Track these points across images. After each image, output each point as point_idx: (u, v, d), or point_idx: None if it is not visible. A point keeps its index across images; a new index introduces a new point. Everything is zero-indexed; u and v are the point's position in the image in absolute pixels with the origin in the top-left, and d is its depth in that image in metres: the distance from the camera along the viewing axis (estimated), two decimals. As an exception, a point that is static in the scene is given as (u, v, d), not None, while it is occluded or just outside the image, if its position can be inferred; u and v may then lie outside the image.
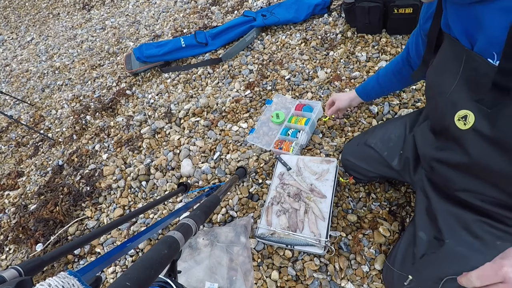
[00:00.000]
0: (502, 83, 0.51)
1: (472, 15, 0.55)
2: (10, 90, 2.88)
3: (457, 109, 0.64)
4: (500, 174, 0.62)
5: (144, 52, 2.17)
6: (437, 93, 0.71)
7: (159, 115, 1.89)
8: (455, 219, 0.76)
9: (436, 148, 0.79)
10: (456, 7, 0.60)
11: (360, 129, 1.40)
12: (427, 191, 0.87)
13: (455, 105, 0.64)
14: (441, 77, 0.70)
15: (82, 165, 1.82)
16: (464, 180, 0.72)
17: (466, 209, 0.75)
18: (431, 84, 0.75)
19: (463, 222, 0.75)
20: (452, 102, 0.65)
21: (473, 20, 0.55)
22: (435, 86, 0.73)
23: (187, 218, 0.62)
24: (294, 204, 1.15)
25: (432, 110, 0.78)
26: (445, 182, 0.79)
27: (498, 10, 0.49)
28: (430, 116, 0.83)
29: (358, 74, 1.62)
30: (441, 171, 0.78)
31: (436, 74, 0.73)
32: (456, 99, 0.64)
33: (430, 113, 0.83)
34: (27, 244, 1.51)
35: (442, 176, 0.79)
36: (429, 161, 0.83)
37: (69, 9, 3.80)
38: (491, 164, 0.62)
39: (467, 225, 0.74)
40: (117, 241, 1.38)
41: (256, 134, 1.50)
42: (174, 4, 2.93)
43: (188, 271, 1.13)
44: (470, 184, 0.72)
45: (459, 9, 0.59)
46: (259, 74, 1.85)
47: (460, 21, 0.60)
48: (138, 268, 0.41)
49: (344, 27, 1.88)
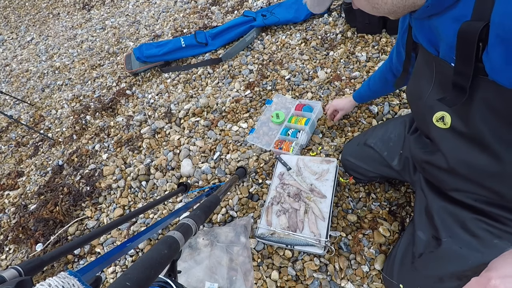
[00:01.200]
0: (459, 83, 0.57)
1: (433, 26, 0.61)
2: (10, 90, 2.88)
3: (434, 111, 0.69)
4: (484, 172, 0.65)
5: (144, 52, 2.17)
6: (416, 98, 0.77)
7: (159, 115, 1.89)
8: (452, 218, 0.76)
9: (424, 151, 0.82)
10: (419, 21, 0.67)
11: (360, 129, 1.40)
12: (424, 190, 0.88)
13: (432, 107, 0.70)
14: (418, 83, 0.76)
15: (82, 165, 1.82)
16: (454, 181, 0.74)
17: (461, 207, 0.75)
18: (411, 91, 0.81)
19: (460, 221, 0.75)
20: (429, 105, 0.71)
21: (434, 30, 0.62)
22: (414, 92, 0.79)
23: (187, 218, 0.62)
24: (294, 204, 1.15)
25: (415, 114, 0.84)
26: (438, 183, 0.82)
27: (449, 19, 0.55)
28: (415, 120, 0.89)
29: (358, 74, 1.62)
30: (432, 173, 0.81)
31: (414, 81, 0.79)
32: (432, 102, 0.70)
33: (415, 117, 0.90)
34: (27, 244, 1.51)
35: (434, 177, 0.82)
36: (420, 163, 0.86)
37: (69, 9, 3.80)
38: (473, 161, 0.65)
39: (464, 223, 0.74)
40: (117, 241, 1.38)
41: (256, 134, 1.50)
42: (174, 4, 2.93)
43: (188, 271, 1.13)
44: (460, 184, 0.73)
45: (422, 22, 0.66)
46: (259, 74, 1.85)
47: (424, 33, 0.67)
48: (138, 268, 0.41)
49: (344, 27, 1.88)
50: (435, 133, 0.72)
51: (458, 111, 0.64)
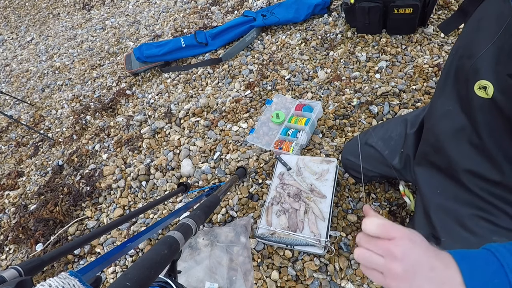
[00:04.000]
0: None
1: None
2: (10, 90, 2.88)
3: (479, 77, 0.58)
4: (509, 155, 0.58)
5: (144, 52, 2.17)
6: (467, 55, 0.64)
7: (159, 115, 1.89)
8: (449, 215, 0.75)
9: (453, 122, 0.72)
10: None
11: (360, 129, 1.40)
12: (421, 187, 0.85)
13: (477, 72, 0.59)
14: (474, 38, 0.62)
15: (82, 165, 1.82)
16: (475, 159, 0.68)
17: (460, 203, 0.74)
18: (463, 45, 0.66)
19: (457, 218, 0.74)
20: (475, 68, 0.60)
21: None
22: (466, 47, 0.65)
23: (187, 218, 0.62)
24: (294, 204, 1.15)
25: (456, 73, 0.70)
26: (448, 164, 0.76)
27: None
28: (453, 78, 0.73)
29: (358, 74, 1.62)
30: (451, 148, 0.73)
31: (469, 34, 0.65)
32: (480, 65, 0.58)
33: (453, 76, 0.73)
34: (27, 244, 1.51)
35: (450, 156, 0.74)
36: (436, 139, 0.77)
37: (69, 9, 3.79)
38: (506, 141, 0.59)
39: (462, 221, 0.73)
40: (117, 241, 1.38)
41: (256, 134, 1.50)
42: (174, 4, 2.93)
43: (188, 271, 1.13)
44: (479, 165, 0.68)
45: None
46: (259, 74, 1.85)
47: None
48: (138, 268, 0.41)
49: (344, 27, 1.88)
50: (473, 101, 0.62)
51: (508, 89, 0.53)
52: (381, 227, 0.39)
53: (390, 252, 0.38)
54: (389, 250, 0.38)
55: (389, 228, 0.39)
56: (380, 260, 0.39)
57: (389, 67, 1.62)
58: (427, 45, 1.64)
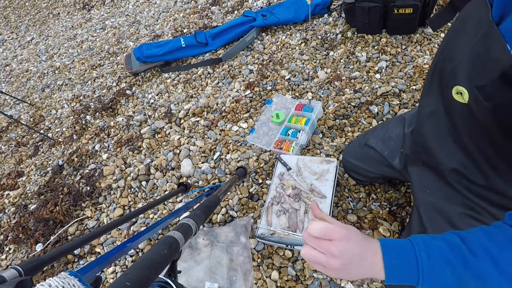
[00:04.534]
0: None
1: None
2: (10, 90, 2.88)
3: (456, 82, 0.57)
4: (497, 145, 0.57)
5: (144, 52, 2.17)
6: (448, 58, 0.62)
7: (159, 115, 1.89)
8: (439, 214, 0.75)
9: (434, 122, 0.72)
10: None
11: (360, 129, 1.40)
12: (414, 187, 0.85)
13: (455, 77, 0.57)
14: (456, 40, 0.60)
15: (82, 165, 1.82)
16: (456, 158, 0.68)
17: (452, 202, 0.73)
18: (447, 48, 0.64)
19: (446, 217, 0.73)
20: (454, 73, 0.58)
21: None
22: (449, 50, 0.63)
23: (187, 218, 0.62)
24: (294, 204, 1.15)
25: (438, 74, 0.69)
26: (436, 164, 0.75)
27: None
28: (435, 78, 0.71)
29: (358, 74, 1.62)
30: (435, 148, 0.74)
31: (453, 35, 0.63)
32: (458, 70, 0.57)
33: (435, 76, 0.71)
34: (27, 244, 1.51)
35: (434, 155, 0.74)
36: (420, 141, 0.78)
37: (69, 9, 3.79)
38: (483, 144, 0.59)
39: (451, 219, 0.72)
40: (117, 241, 1.38)
41: (256, 134, 1.50)
42: (174, 4, 2.93)
43: (188, 271, 1.13)
44: (461, 164, 0.68)
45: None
46: (259, 74, 1.85)
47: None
48: (138, 268, 0.41)
49: (344, 27, 1.88)
50: (452, 105, 0.61)
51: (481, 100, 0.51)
52: (323, 231, 0.49)
53: (329, 251, 0.48)
54: (329, 250, 0.48)
55: (329, 232, 0.49)
56: (322, 257, 0.48)
57: (389, 67, 1.62)
58: (427, 45, 1.64)
